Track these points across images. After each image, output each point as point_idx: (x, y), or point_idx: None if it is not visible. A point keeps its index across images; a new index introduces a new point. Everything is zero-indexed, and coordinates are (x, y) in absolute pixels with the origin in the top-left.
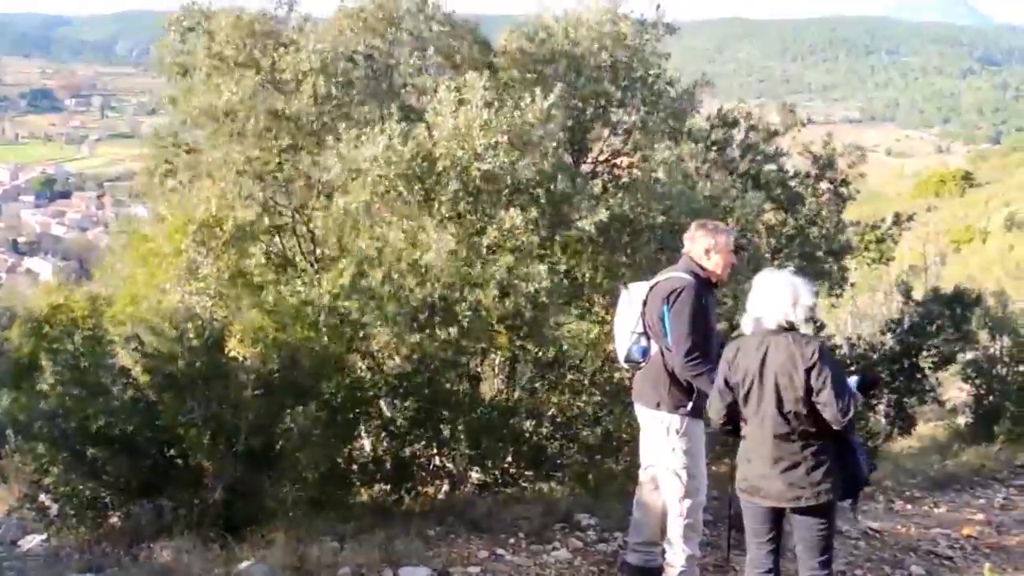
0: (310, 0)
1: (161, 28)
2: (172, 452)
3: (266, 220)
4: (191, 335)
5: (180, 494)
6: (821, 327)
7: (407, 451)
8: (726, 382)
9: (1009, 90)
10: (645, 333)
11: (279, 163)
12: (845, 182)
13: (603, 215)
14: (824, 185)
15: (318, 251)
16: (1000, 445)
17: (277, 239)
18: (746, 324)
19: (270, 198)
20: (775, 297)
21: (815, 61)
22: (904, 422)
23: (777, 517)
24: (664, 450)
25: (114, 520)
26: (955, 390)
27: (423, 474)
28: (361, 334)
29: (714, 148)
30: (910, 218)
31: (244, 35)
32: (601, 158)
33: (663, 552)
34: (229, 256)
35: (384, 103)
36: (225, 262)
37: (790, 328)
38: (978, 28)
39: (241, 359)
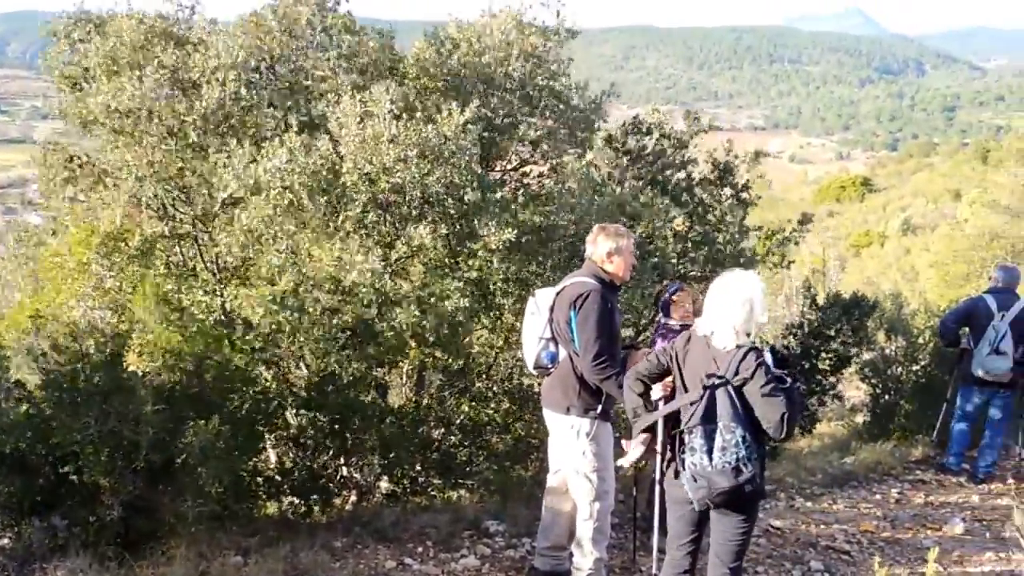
0: (215, 5)
1: (50, 33)
2: (67, 469)
3: (166, 228)
4: (92, 349)
5: (75, 512)
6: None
7: (315, 463)
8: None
9: (905, 99)
10: (553, 339)
11: (181, 168)
12: (746, 187)
13: (510, 234)
14: (727, 191)
15: (220, 261)
16: (895, 442)
17: (178, 248)
18: (702, 329)
19: (171, 205)
20: (729, 316)
21: (720, 69)
22: (805, 422)
23: (701, 519)
24: (574, 453)
25: (4, 541)
26: (853, 389)
27: (330, 485)
28: (264, 345)
29: (626, 155)
30: (809, 219)
31: (146, 36)
32: (510, 167)
33: (571, 556)
34: (134, 269)
35: (289, 111)
36: (129, 275)
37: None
38: (874, 38)
39: (141, 373)
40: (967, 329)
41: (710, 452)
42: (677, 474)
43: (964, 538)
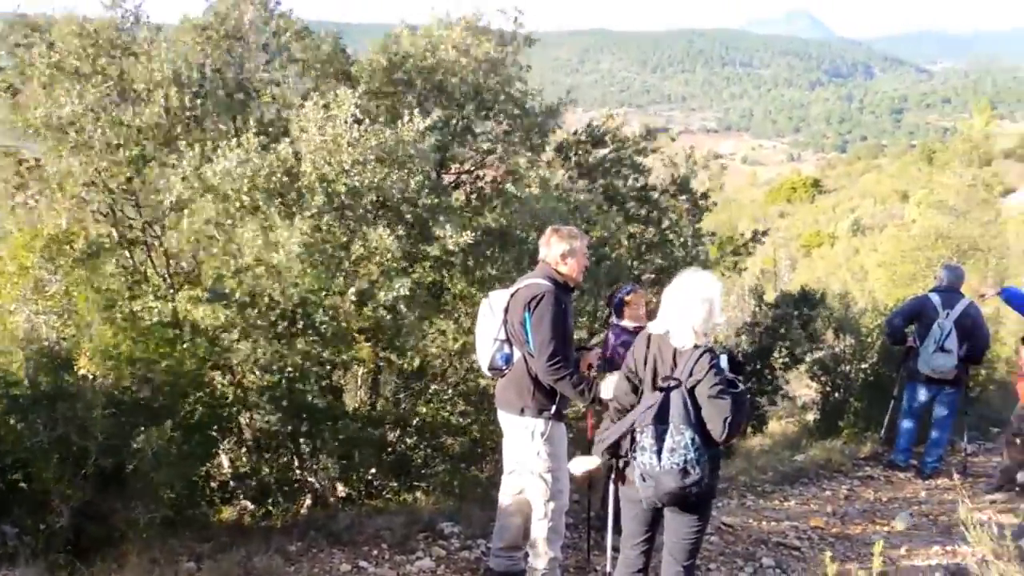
0: (161, 11)
1: None
2: (16, 476)
3: (116, 234)
4: (37, 355)
5: (25, 520)
6: None
7: (274, 466)
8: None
9: (853, 101)
10: (508, 340)
11: (128, 176)
12: (705, 195)
13: (468, 237)
14: (683, 197)
15: (172, 266)
16: (844, 439)
17: (128, 253)
18: (657, 327)
19: (120, 211)
20: (688, 316)
21: (674, 72)
22: (757, 421)
23: (655, 518)
24: (529, 454)
25: None
26: (804, 387)
27: (285, 489)
28: (218, 348)
29: (578, 165)
30: (765, 232)
31: (88, 44)
32: (463, 169)
33: (525, 556)
34: (79, 273)
35: (238, 117)
36: (75, 279)
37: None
38: (823, 41)
39: (91, 378)
40: (913, 327)
41: (659, 453)
42: (629, 473)
43: (912, 532)
